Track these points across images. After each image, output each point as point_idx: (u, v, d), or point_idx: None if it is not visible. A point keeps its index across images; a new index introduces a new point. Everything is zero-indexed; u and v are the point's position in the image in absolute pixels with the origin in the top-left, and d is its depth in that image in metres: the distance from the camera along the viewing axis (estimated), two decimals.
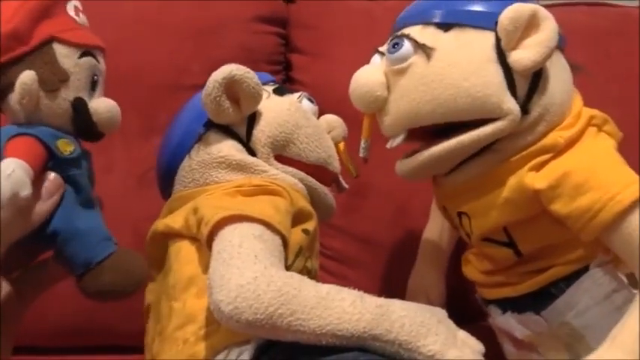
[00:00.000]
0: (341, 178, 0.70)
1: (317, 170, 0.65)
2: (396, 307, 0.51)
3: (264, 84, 0.66)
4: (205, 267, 0.54)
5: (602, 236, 0.56)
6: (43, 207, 0.54)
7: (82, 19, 0.60)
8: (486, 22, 0.58)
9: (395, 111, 0.60)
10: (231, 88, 0.60)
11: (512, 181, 0.58)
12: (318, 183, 0.65)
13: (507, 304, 0.64)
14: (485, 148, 0.59)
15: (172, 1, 0.93)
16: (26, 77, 0.53)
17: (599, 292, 0.59)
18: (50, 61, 0.55)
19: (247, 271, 0.49)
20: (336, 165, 0.67)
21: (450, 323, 0.54)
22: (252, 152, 0.63)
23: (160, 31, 0.92)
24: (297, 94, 0.68)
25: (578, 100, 0.62)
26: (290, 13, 0.99)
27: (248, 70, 0.61)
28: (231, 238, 0.52)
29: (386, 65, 0.61)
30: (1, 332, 0.55)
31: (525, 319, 0.63)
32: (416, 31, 0.59)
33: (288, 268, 0.56)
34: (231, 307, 0.48)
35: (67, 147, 0.56)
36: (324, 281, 0.86)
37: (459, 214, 0.64)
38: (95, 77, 0.59)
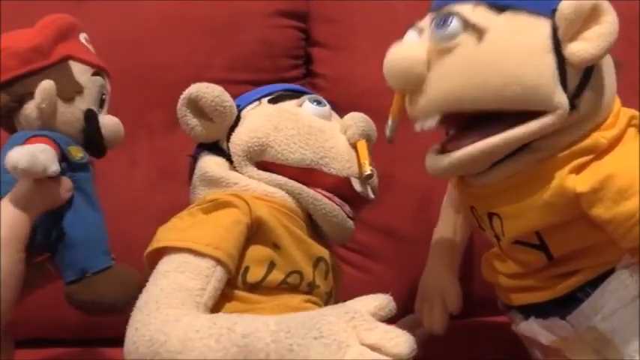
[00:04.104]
0: (354, 182, 0.63)
1: (305, 173, 0.61)
2: (267, 332, 0.46)
3: (265, 96, 0.65)
4: None
5: None
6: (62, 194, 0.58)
7: (91, 48, 0.66)
8: (543, 8, 0.54)
9: (434, 92, 0.56)
10: (195, 106, 0.61)
11: (550, 183, 0.55)
12: (304, 187, 0.60)
13: (531, 310, 0.62)
14: (525, 145, 0.56)
15: None
16: (47, 84, 0.59)
17: (626, 295, 0.57)
18: (67, 75, 0.61)
19: (134, 321, 0.49)
20: (337, 167, 0.62)
21: (343, 330, 0.46)
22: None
23: (182, 28, 0.92)
24: (296, 100, 0.65)
25: (616, 99, 0.59)
26: (310, 7, 0.98)
27: (208, 85, 0.60)
28: (152, 276, 0.53)
29: (429, 42, 0.57)
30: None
31: (550, 324, 0.61)
32: (467, 10, 0.55)
33: (260, 281, 0.55)
34: (125, 357, 0.49)
35: (77, 153, 0.60)
36: (348, 274, 0.88)
37: (490, 215, 0.61)
38: (103, 96, 0.64)
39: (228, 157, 0.62)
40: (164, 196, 0.78)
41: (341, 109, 0.70)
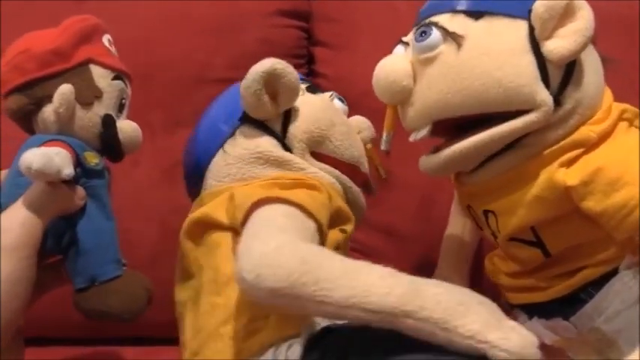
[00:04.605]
0: (371, 182, 0.69)
1: (350, 169, 0.64)
2: (431, 284, 0.46)
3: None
4: None
5: (636, 234, 0.54)
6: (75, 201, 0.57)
7: (113, 50, 0.65)
8: (519, 10, 0.56)
9: (421, 102, 0.58)
10: (271, 82, 0.60)
11: (541, 178, 0.56)
12: (352, 182, 0.64)
13: (534, 310, 0.63)
14: (514, 142, 0.57)
15: None
16: (65, 88, 0.58)
17: (630, 296, 0.57)
18: (86, 79, 0.60)
19: (272, 240, 0.47)
20: (367, 166, 0.67)
21: (496, 309, 0.46)
22: (287, 148, 0.62)
23: (183, 27, 0.92)
24: (328, 93, 0.68)
25: (608, 94, 0.60)
26: (312, 7, 0.99)
27: (288, 64, 0.60)
28: (261, 214, 0.51)
29: (412, 54, 0.59)
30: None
31: (554, 325, 0.61)
32: (445, 19, 0.57)
33: None
34: (253, 274, 0.45)
35: (93, 159, 0.60)
36: None
37: (485, 212, 0.62)
38: (123, 100, 0.64)
39: (280, 139, 0.62)
40: (166, 196, 0.78)
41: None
